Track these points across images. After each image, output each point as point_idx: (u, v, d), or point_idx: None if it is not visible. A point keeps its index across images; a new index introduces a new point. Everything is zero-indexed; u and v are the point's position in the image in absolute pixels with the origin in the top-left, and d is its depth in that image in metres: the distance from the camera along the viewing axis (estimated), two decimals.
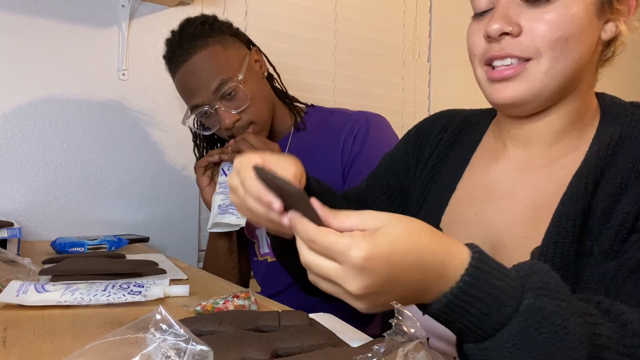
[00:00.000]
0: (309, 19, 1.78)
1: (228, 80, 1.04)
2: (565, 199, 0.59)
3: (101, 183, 1.40)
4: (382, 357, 0.34)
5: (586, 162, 0.60)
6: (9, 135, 1.28)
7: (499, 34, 0.60)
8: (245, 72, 1.06)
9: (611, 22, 0.61)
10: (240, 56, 1.08)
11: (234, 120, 1.06)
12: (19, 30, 1.28)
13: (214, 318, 0.52)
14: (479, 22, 0.64)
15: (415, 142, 0.82)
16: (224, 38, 1.07)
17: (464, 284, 0.41)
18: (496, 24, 0.59)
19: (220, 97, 1.05)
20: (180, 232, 1.51)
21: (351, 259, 0.40)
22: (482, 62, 0.63)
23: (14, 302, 0.63)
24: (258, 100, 1.08)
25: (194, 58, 1.04)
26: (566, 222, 0.57)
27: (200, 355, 0.35)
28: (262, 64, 1.14)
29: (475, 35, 0.64)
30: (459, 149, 0.76)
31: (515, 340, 0.41)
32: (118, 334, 0.37)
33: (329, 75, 1.84)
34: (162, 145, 1.48)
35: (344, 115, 1.17)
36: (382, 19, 1.98)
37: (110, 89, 1.40)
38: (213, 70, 1.04)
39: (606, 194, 0.57)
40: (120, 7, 1.40)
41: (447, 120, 0.81)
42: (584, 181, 0.58)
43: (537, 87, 0.60)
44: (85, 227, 1.37)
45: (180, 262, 1.04)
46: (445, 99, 2.15)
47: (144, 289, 0.70)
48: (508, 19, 0.59)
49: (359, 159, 1.10)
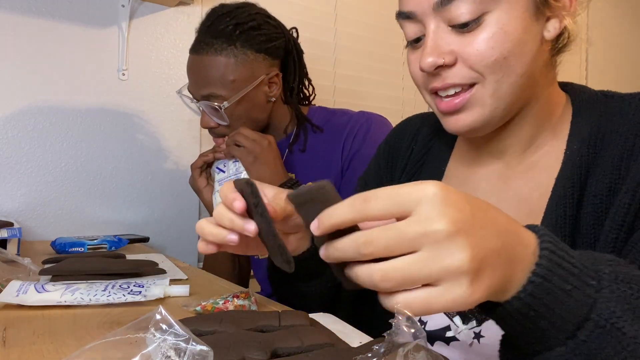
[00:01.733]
0: (309, 19, 1.78)
1: (216, 97, 1.05)
2: (551, 205, 0.57)
3: (101, 183, 1.40)
4: (382, 357, 0.34)
5: (567, 163, 0.58)
6: (9, 135, 1.28)
7: (433, 68, 0.57)
8: (243, 97, 1.05)
9: (553, 19, 0.58)
10: (249, 78, 1.05)
11: (210, 126, 1.09)
12: (19, 30, 1.28)
13: (214, 318, 0.52)
14: (416, 51, 0.61)
15: (386, 158, 0.80)
16: (244, 53, 1.04)
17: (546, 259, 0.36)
18: (428, 57, 0.56)
19: (205, 104, 1.07)
20: (180, 232, 1.51)
21: (426, 192, 0.33)
22: (427, 91, 0.61)
23: (14, 302, 0.63)
24: (241, 123, 1.08)
25: (204, 57, 1.05)
26: (555, 230, 0.55)
27: (200, 355, 0.35)
28: (278, 88, 1.11)
29: (414, 66, 0.62)
30: (432, 160, 0.73)
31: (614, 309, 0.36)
32: (118, 334, 0.37)
33: (329, 75, 1.84)
34: (162, 145, 1.48)
35: (345, 116, 1.17)
36: (382, 19, 1.98)
37: (110, 89, 1.40)
38: (210, 79, 1.04)
39: (596, 196, 0.55)
40: (120, 7, 1.40)
41: (415, 130, 0.78)
42: (570, 185, 0.56)
43: (488, 111, 0.58)
44: (85, 227, 1.37)
45: (180, 262, 1.04)
46: None
47: (144, 289, 0.70)
48: (439, 50, 0.56)
49: (356, 159, 1.11)
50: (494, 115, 0.58)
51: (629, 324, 0.37)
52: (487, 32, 0.55)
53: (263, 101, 1.10)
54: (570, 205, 0.56)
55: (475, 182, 0.67)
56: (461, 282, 0.33)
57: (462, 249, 0.33)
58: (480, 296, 0.34)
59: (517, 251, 0.37)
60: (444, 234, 0.33)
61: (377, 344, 0.34)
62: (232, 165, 1.08)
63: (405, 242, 0.33)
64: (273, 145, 1.05)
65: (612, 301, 0.37)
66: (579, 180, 0.56)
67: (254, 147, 1.03)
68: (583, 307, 0.37)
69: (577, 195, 0.56)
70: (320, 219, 0.37)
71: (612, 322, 0.36)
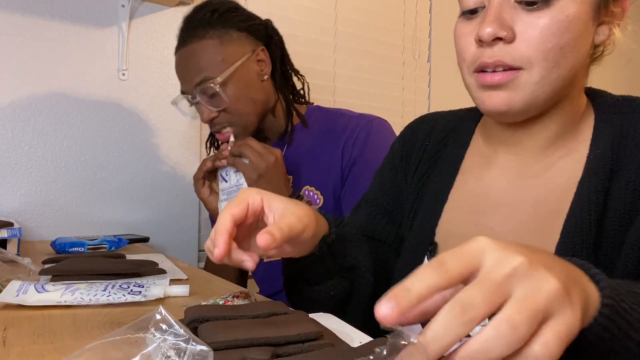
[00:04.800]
0: (309, 19, 1.78)
1: (208, 79, 1.04)
2: (574, 209, 0.56)
3: (101, 183, 1.40)
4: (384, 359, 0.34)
5: (590, 167, 0.58)
6: (9, 135, 1.28)
7: (492, 39, 0.55)
8: (234, 73, 1.05)
9: (604, 24, 0.58)
10: (236, 55, 1.06)
11: (211, 117, 1.07)
12: (19, 30, 1.28)
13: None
14: (469, 24, 0.60)
15: (401, 155, 0.79)
16: (226, 32, 1.06)
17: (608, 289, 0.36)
18: (489, 27, 0.55)
19: (200, 92, 1.05)
20: (180, 232, 1.51)
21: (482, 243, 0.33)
22: (472, 68, 0.60)
23: (14, 302, 0.63)
24: (242, 103, 1.07)
25: (190, 46, 1.05)
26: (580, 235, 0.54)
27: (200, 355, 0.35)
28: (267, 65, 1.11)
29: (465, 39, 0.60)
30: (446, 157, 0.72)
31: None
32: (118, 334, 0.37)
33: (329, 75, 1.84)
34: (162, 145, 1.48)
35: (345, 117, 1.15)
36: (382, 19, 1.98)
37: (110, 89, 1.40)
38: (200, 64, 1.05)
39: (619, 202, 0.54)
40: (120, 7, 1.40)
41: (430, 127, 0.77)
42: (594, 189, 0.55)
43: (529, 97, 0.57)
44: (85, 227, 1.37)
45: (180, 262, 1.04)
46: (445, 99, 2.15)
47: (144, 289, 0.70)
48: (502, 22, 0.55)
49: (358, 163, 1.09)
50: (532, 103, 0.57)
51: None
52: (553, 16, 0.54)
53: (256, 79, 1.09)
54: (595, 210, 0.55)
55: (492, 180, 0.66)
56: (564, 303, 0.31)
57: (544, 272, 0.32)
58: (580, 313, 0.32)
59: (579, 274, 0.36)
60: (525, 266, 0.31)
61: (377, 344, 0.34)
62: (233, 176, 1.06)
63: (498, 289, 0.31)
64: (279, 161, 1.02)
65: None
66: (603, 186, 0.55)
67: (259, 163, 1.00)
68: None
69: (602, 200, 0.55)
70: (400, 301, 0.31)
71: None
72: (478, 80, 0.59)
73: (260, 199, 0.53)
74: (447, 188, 0.70)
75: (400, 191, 0.78)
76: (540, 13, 0.54)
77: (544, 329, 0.31)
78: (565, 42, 0.54)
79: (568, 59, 0.56)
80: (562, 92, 0.58)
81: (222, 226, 0.48)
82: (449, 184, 0.70)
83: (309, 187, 1.13)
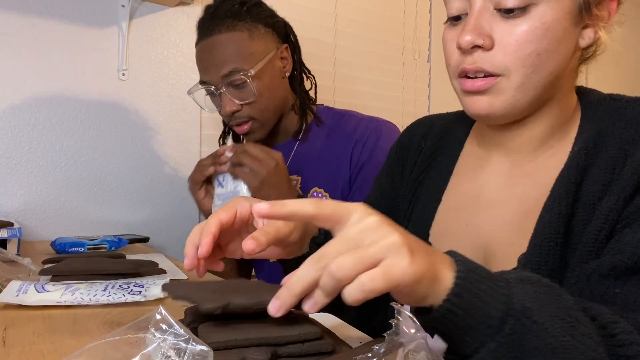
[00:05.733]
0: (309, 19, 1.78)
1: (239, 71, 1.03)
2: (548, 204, 0.58)
3: (101, 183, 1.40)
4: (382, 357, 0.34)
5: (568, 164, 0.59)
6: (9, 135, 1.28)
7: (470, 46, 0.57)
8: (263, 68, 1.05)
9: (589, 28, 0.59)
10: (264, 50, 1.06)
11: (234, 109, 1.06)
12: (19, 30, 1.28)
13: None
14: (453, 30, 0.62)
15: (397, 158, 0.80)
16: (255, 26, 1.06)
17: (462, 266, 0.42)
18: (468, 35, 0.57)
19: (227, 83, 1.04)
20: (180, 232, 1.51)
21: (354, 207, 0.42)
22: (455, 73, 0.62)
23: (14, 302, 0.63)
24: (265, 99, 1.07)
25: (217, 37, 1.04)
26: (549, 228, 0.56)
27: (200, 355, 0.35)
28: (289, 63, 1.12)
29: (449, 44, 0.62)
30: (441, 159, 0.74)
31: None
32: (118, 334, 0.37)
33: (329, 75, 1.84)
34: (162, 145, 1.48)
35: (354, 120, 1.15)
36: (382, 19, 1.98)
37: (110, 89, 1.40)
38: (229, 55, 1.04)
39: (588, 197, 0.56)
40: (120, 7, 1.40)
41: (426, 129, 0.79)
42: (566, 184, 0.57)
43: (509, 102, 0.58)
44: (85, 227, 1.37)
45: (180, 262, 1.03)
46: (445, 99, 2.15)
47: (144, 289, 0.70)
48: (480, 30, 0.57)
49: (366, 168, 1.09)
50: (513, 107, 0.59)
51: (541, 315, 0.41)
52: (529, 24, 0.55)
53: (279, 76, 1.10)
54: (565, 205, 0.56)
55: (484, 180, 0.67)
56: (402, 252, 0.39)
57: (392, 232, 0.40)
58: (419, 267, 0.39)
59: (437, 257, 0.42)
60: (375, 224, 0.40)
61: (377, 344, 0.34)
62: (231, 183, 1.04)
63: (350, 241, 0.40)
64: (280, 165, 1.01)
65: (523, 296, 0.41)
66: (576, 181, 0.57)
67: (259, 170, 0.98)
68: (500, 303, 0.41)
69: (573, 195, 0.56)
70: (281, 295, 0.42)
71: (528, 316, 0.40)
72: (461, 85, 0.61)
73: (248, 206, 0.57)
74: (441, 189, 0.71)
75: (397, 194, 0.79)
76: (518, 20, 0.56)
77: (376, 268, 0.38)
78: (543, 48, 0.56)
79: (547, 64, 0.57)
80: (545, 95, 0.60)
81: (208, 228, 0.53)
82: (442, 185, 0.71)
83: (318, 188, 1.13)
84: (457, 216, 0.67)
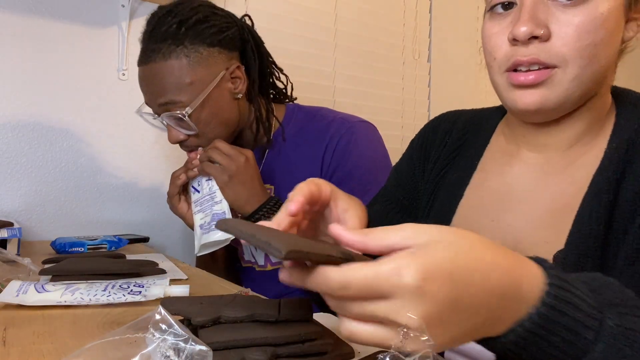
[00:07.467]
0: (309, 19, 1.78)
1: (176, 103, 0.95)
2: (587, 198, 0.56)
3: (101, 183, 1.40)
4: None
5: (605, 160, 0.58)
6: (9, 135, 1.28)
7: (528, 37, 0.55)
8: (207, 97, 0.96)
9: (632, 21, 0.58)
10: (207, 76, 0.96)
11: (179, 139, 1.00)
12: (20, 30, 1.28)
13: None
14: (498, 22, 0.59)
15: (419, 151, 0.79)
16: (196, 50, 0.95)
17: (546, 308, 0.36)
18: (524, 26, 0.54)
19: (166, 115, 0.97)
20: (180, 232, 1.51)
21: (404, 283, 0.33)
22: (503, 66, 0.59)
23: (14, 302, 0.63)
24: (212, 127, 0.99)
25: (152, 65, 0.96)
26: (589, 223, 0.54)
27: (200, 355, 0.35)
28: (242, 82, 1.02)
29: (496, 37, 0.59)
30: (465, 154, 0.72)
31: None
32: (118, 334, 0.37)
33: (329, 75, 1.84)
34: (162, 145, 1.48)
35: (325, 121, 1.08)
36: (382, 19, 1.98)
37: (110, 89, 1.40)
38: (165, 86, 0.95)
39: (629, 192, 0.54)
40: (120, 7, 1.40)
41: (451, 124, 0.77)
42: (605, 179, 0.56)
43: (563, 95, 0.57)
44: (85, 227, 1.37)
45: (180, 262, 1.04)
46: (445, 99, 2.15)
47: (144, 289, 0.70)
48: (537, 21, 0.55)
49: (338, 174, 1.03)
50: (567, 100, 0.57)
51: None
52: (588, 14, 0.54)
53: (229, 100, 1.01)
54: (605, 201, 0.55)
55: (513, 177, 0.66)
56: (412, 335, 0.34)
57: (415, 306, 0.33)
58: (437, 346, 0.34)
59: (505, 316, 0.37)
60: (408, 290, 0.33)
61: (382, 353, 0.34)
62: (205, 185, 1.00)
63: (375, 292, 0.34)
64: (251, 162, 0.97)
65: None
66: (615, 178, 0.56)
67: (229, 165, 0.94)
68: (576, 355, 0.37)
69: (613, 191, 0.55)
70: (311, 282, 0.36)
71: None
72: (510, 80, 0.59)
73: (329, 189, 0.55)
74: (463, 185, 0.70)
75: (417, 187, 0.78)
76: (576, 11, 0.54)
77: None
78: (599, 39, 0.55)
79: (601, 56, 0.56)
80: (593, 89, 0.59)
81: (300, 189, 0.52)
82: (465, 181, 0.70)
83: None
84: (482, 212, 0.66)
